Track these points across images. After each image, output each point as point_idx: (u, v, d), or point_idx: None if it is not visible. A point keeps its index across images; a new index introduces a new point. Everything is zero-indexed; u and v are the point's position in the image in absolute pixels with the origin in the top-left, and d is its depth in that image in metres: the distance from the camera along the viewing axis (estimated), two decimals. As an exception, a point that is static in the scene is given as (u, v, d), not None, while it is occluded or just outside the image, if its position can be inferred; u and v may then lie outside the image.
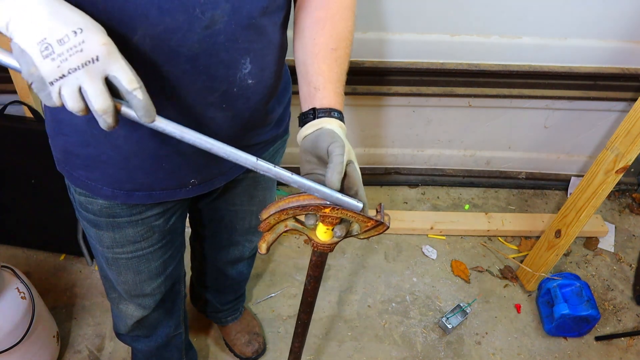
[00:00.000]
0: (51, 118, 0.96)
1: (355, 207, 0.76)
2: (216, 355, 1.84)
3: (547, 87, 2.02)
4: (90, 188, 1.00)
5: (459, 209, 2.36)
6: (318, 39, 0.88)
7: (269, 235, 0.83)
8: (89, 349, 1.82)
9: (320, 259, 0.92)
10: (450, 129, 2.24)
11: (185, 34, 0.77)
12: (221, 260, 1.50)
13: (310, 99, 0.85)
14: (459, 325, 1.95)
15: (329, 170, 0.75)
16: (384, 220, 0.80)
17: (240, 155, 0.74)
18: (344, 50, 0.90)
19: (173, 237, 1.19)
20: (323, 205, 0.76)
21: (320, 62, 0.87)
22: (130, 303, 1.28)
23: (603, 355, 1.92)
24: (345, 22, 0.90)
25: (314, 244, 0.86)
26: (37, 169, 1.79)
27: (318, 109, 0.84)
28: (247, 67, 0.86)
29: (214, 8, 0.77)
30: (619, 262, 2.20)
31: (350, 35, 0.91)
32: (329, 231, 0.82)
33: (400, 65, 1.91)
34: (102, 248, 1.12)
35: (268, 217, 0.80)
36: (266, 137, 1.08)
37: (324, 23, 0.88)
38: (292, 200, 0.78)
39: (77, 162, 0.97)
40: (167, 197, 1.03)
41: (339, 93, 0.87)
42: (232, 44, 0.81)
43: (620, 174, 1.66)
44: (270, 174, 0.75)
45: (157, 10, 0.74)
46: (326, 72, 0.86)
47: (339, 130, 0.82)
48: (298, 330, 1.12)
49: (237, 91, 0.87)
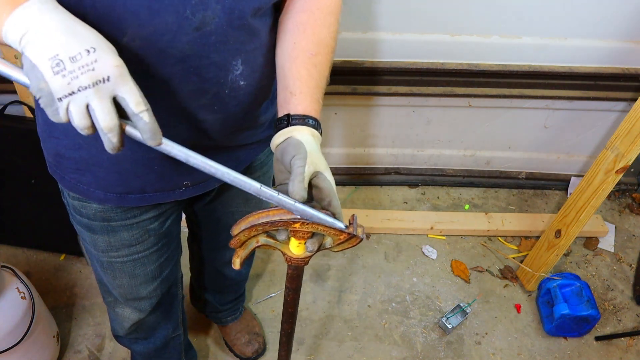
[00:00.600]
0: (43, 121, 0.96)
1: (331, 224, 0.76)
2: (216, 355, 1.84)
3: (547, 87, 2.02)
4: (82, 191, 0.99)
5: (459, 209, 2.36)
6: (299, 43, 0.86)
7: (241, 251, 0.83)
8: (89, 349, 1.82)
9: (296, 272, 0.91)
10: (450, 129, 2.24)
11: (175, 35, 0.76)
12: (219, 261, 1.50)
13: (286, 104, 0.83)
14: (459, 325, 1.95)
15: (290, 183, 0.74)
16: (357, 232, 0.78)
17: (245, 181, 0.73)
18: (325, 57, 0.87)
19: (169, 240, 1.18)
20: (292, 221, 0.76)
21: (299, 66, 0.85)
22: (127, 306, 1.28)
23: (603, 355, 1.92)
24: (328, 28, 0.89)
25: (288, 259, 0.86)
26: (37, 169, 1.78)
27: (292, 116, 0.81)
28: (239, 68, 0.85)
29: (205, 9, 0.76)
30: (619, 262, 2.20)
31: (332, 42, 0.89)
32: (302, 245, 0.82)
33: (400, 65, 1.91)
34: (97, 252, 1.12)
35: (238, 234, 0.79)
36: (260, 137, 1.07)
37: (304, 27, 0.87)
38: (261, 216, 0.77)
39: (69, 165, 0.96)
40: (160, 199, 1.02)
41: (316, 99, 0.84)
42: (223, 45, 0.81)
43: (620, 174, 1.66)
44: (273, 200, 0.74)
45: (146, 11, 0.73)
46: (305, 77, 0.84)
47: (310, 139, 0.79)
48: (283, 339, 1.12)
49: (228, 93, 0.87)
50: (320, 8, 0.88)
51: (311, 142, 0.79)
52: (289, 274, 0.92)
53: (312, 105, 0.83)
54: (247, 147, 1.05)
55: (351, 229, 0.78)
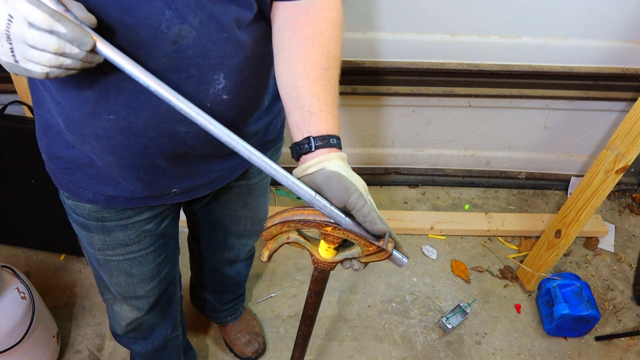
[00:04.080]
0: (38, 119, 0.96)
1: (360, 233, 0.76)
2: (216, 355, 1.84)
3: (547, 87, 2.02)
4: (72, 191, 1.00)
5: (459, 209, 2.36)
6: (309, 58, 0.80)
7: (271, 244, 0.83)
8: (89, 349, 1.82)
9: (322, 275, 0.91)
10: (450, 129, 2.24)
11: (150, 49, 0.75)
12: (218, 261, 1.50)
13: (305, 125, 0.78)
14: (459, 325, 1.95)
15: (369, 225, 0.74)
16: (387, 247, 0.77)
17: (301, 187, 0.75)
18: (336, 70, 0.83)
19: (166, 241, 1.18)
20: (325, 223, 0.76)
21: (314, 82, 0.79)
22: (125, 304, 1.28)
23: (603, 355, 1.92)
24: (336, 40, 0.84)
25: (315, 260, 0.85)
26: (36, 169, 1.78)
27: (315, 138, 0.77)
28: (221, 82, 0.83)
29: (181, 23, 0.75)
30: (619, 262, 2.20)
31: (340, 54, 0.84)
32: (331, 249, 0.81)
33: (400, 65, 1.91)
34: (93, 250, 1.12)
35: (270, 227, 0.79)
36: (254, 145, 1.05)
37: (312, 41, 0.81)
38: (296, 213, 0.77)
39: (60, 164, 0.97)
40: (149, 203, 1.02)
41: (335, 116, 0.80)
42: (202, 59, 0.79)
43: (620, 174, 1.66)
44: (325, 211, 0.75)
45: (120, 25, 0.72)
46: (321, 93, 0.79)
47: (341, 164, 0.76)
48: (298, 340, 1.12)
49: (210, 107, 0.84)
50: (325, 19, 0.83)
51: (344, 167, 0.76)
52: (315, 276, 0.91)
53: (334, 122, 0.79)
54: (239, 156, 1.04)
55: (381, 243, 0.77)
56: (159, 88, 0.71)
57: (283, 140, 1.19)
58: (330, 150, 0.77)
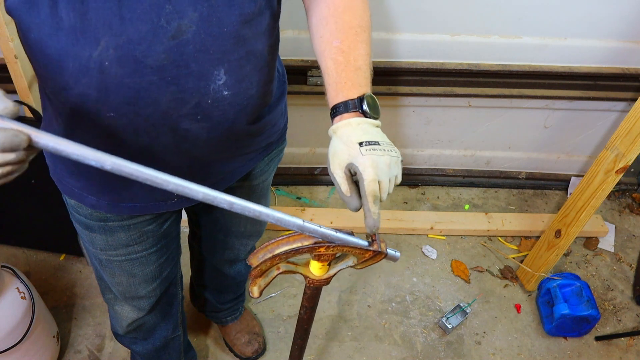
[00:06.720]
0: (43, 123, 0.96)
1: (354, 244, 0.76)
2: (216, 355, 1.84)
3: (547, 87, 2.02)
4: (76, 196, 1.00)
5: (459, 209, 2.36)
6: (324, 37, 0.87)
7: (260, 280, 0.79)
8: (89, 349, 1.82)
9: (316, 292, 0.89)
10: (450, 129, 2.24)
11: (150, 44, 0.74)
12: (218, 260, 1.50)
13: (329, 98, 0.86)
14: (459, 325, 1.95)
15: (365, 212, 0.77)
16: (382, 248, 0.77)
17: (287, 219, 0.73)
18: (354, 37, 0.86)
19: (168, 242, 1.18)
20: (318, 246, 0.74)
21: (327, 59, 0.86)
22: (126, 304, 1.28)
23: (603, 355, 1.92)
24: (352, 10, 0.87)
25: (310, 281, 0.83)
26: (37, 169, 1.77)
27: (331, 109, 0.84)
28: (222, 78, 0.82)
29: (181, 17, 0.74)
30: (619, 262, 2.20)
31: (360, 20, 0.87)
32: (325, 266, 0.79)
33: (400, 65, 1.91)
34: (95, 250, 1.12)
35: (260, 264, 0.76)
36: (257, 147, 1.05)
37: (326, 20, 0.87)
38: (281, 243, 0.75)
39: (63, 169, 0.98)
40: (152, 210, 1.02)
41: (344, 81, 0.84)
42: (202, 54, 0.78)
43: (620, 174, 1.66)
44: (316, 234, 0.75)
45: (118, 20, 0.72)
46: (331, 68, 0.85)
47: (346, 131, 0.80)
48: (295, 353, 1.11)
49: (211, 103, 0.84)
50: None
51: (348, 134, 0.80)
52: (308, 294, 0.89)
53: (343, 91, 0.83)
54: (244, 155, 1.04)
55: (375, 246, 0.76)
56: (115, 164, 0.66)
57: (285, 142, 1.19)
58: (342, 121, 0.82)
